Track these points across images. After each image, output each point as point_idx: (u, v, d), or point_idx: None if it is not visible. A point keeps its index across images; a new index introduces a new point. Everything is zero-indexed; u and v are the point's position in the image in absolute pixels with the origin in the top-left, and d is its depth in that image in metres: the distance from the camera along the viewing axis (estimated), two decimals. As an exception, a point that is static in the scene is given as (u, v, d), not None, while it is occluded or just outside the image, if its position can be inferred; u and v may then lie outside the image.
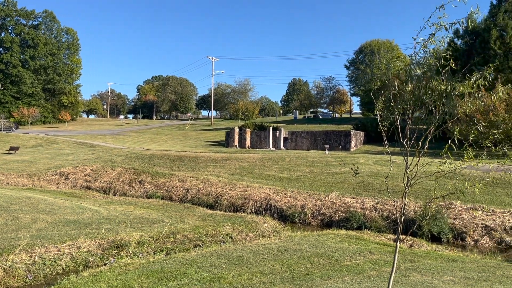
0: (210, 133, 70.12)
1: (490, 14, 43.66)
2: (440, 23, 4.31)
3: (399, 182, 5.16)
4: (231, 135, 47.78)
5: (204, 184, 23.81)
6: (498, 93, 4.41)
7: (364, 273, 9.45)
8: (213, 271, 9.36)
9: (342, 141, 42.13)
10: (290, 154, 31.30)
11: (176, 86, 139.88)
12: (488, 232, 15.40)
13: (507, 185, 18.26)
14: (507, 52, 40.30)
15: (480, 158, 4.69)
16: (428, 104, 4.56)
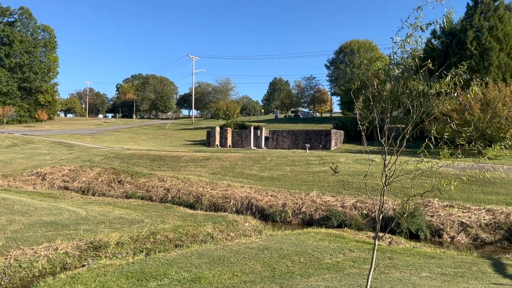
0: (191, 133, 69.74)
1: (466, 15, 44.62)
2: (416, 24, 4.38)
3: (378, 180, 5.24)
4: (212, 135, 47.61)
5: (184, 184, 23.65)
6: (474, 89, 4.51)
7: (344, 271, 9.54)
8: (193, 271, 9.31)
9: (322, 140, 42.46)
10: (271, 153, 31.38)
11: (156, 85, 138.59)
12: (464, 228, 15.75)
13: (483, 183, 18.71)
14: (482, 53, 41.27)
15: (456, 157, 4.79)
16: (405, 103, 4.63)
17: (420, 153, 4.88)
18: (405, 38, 4.47)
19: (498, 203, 16.93)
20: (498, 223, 15.58)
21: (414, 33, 4.46)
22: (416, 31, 4.44)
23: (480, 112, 30.67)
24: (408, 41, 4.47)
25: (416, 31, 4.44)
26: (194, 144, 52.27)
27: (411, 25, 4.43)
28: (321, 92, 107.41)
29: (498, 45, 41.23)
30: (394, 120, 5.02)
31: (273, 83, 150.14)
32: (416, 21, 4.39)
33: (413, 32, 4.45)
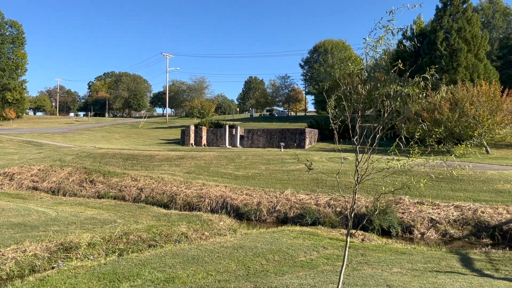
0: (165, 131, 68.98)
1: (436, 17, 45.79)
2: (388, 27, 4.47)
3: (351, 178, 5.33)
4: (186, 133, 47.22)
5: (158, 183, 23.38)
6: (441, 93, 4.63)
7: (317, 268, 9.65)
8: (167, 271, 9.22)
9: (297, 139, 42.76)
10: (246, 152, 31.38)
11: (129, 83, 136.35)
12: (433, 225, 16.18)
13: (451, 180, 19.25)
14: (451, 54, 42.45)
15: (426, 156, 4.91)
16: (377, 103, 4.71)
17: (391, 152, 4.98)
18: (378, 40, 4.55)
19: (466, 200, 17.46)
20: (465, 219, 16.07)
21: (386, 36, 4.55)
22: (387, 34, 4.52)
23: (449, 111, 31.55)
24: (380, 42, 4.55)
25: (387, 34, 4.53)
26: (168, 143, 51.72)
27: (383, 27, 4.51)
28: (296, 91, 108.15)
29: (466, 46, 42.50)
30: (367, 119, 5.10)
31: (248, 82, 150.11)
32: (389, 24, 4.48)
33: (385, 35, 4.54)
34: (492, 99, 31.44)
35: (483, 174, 19.65)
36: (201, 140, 46.69)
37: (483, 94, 31.47)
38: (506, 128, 34.62)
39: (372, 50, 4.60)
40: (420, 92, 4.52)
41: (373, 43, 4.58)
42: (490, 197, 17.46)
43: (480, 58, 43.56)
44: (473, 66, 42.24)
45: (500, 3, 60.44)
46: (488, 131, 31.33)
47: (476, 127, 30.82)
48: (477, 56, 43.49)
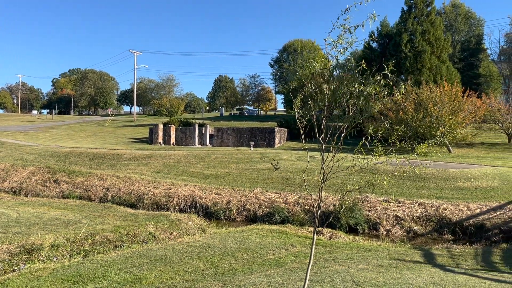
0: (133, 130, 67.76)
1: (401, 19, 47.03)
2: (345, 25, 4.56)
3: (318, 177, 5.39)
4: (154, 132, 46.56)
5: (125, 183, 22.95)
6: (401, 90, 4.77)
7: (286, 266, 9.73)
8: (134, 272, 9.06)
9: (266, 137, 42.95)
10: (216, 150, 31.26)
11: (95, 80, 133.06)
12: (398, 222, 16.63)
13: (415, 178, 19.83)
14: (416, 55, 43.69)
15: (389, 154, 5.05)
16: (342, 102, 4.81)
17: (356, 150, 5.08)
18: (337, 39, 4.63)
19: (429, 197, 18.03)
20: (428, 216, 16.60)
21: (345, 35, 4.64)
22: (345, 33, 4.61)
23: (413, 111, 32.48)
24: (340, 41, 4.64)
25: (345, 33, 4.62)
26: (136, 141, 50.84)
27: (341, 26, 4.60)
28: (266, 90, 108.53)
29: (430, 48, 43.86)
30: (333, 118, 5.19)
31: (218, 81, 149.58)
32: (345, 23, 4.57)
33: (343, 34, 4.63)
34: (454, 100, 32.59)
35: (445, 172, 20.34)
36: (170, 139, 46.15)
37: (445, 95, 32.57)
38: (467, 128, 36.01)
39: (334, 50, 4.68)
40: (381, 91, 4.63)
41: (333, 42, 4.66)
42: (452, 195, 18.10)
43: (443, 60, 45.06)
44: (436, 68, 43.64)
45: (462, 7, 62.64)
46: (450, 131, 32.46)
47: (439, 127, 31.88)
48: (440, 58, 44.96)
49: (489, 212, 16.36)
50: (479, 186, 18.52)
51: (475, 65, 59.35)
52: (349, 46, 4.63)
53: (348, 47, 4.65)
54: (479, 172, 20.15)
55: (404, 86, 4.77)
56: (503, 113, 37.41)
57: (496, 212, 16.28)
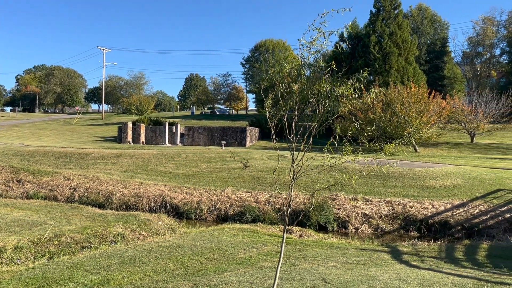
0: (101, 128, 66.29)
1: (370, 21, 47.99)
2: (321, 29, 4.64)
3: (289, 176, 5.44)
4: (124, 130, 45.70)
5: (93, 182, 22.44)
6: (372, 94, 4.89)
7: (256, 265, 9.76)
8: (102, 273, 8.88)
9: (238, 137, 42.94)
10: (187, 150, 31.00)
11: (62, 77, 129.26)
12: (367, 220, 16.98)
13: (383, 177, 20.29)
14: (384, 57, 44.69)
15: (357, 153, 5.15)
16: (312, 102, 4.87)
17: (325, 149, 5.16)
18: (311, 41, 4.71)
19: (396, 195, 18.49)
20: (396, 214, 17.03)
21: (319, 38, 4.72)
22: (320, 36, 4.69)
23: (381, 111, 33.23)
24: (313, 44, 4.71)
25: (320, 37, 4.70)
26: (104, 140, 49.76)
27: (316, 29, 4.67)
28: (237, 89, 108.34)
29: (397, 50, 44.94)
30: (303, 118, 5.25)
31: (189, 79, 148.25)
32: (321, 26, 4.66)
33: (318, 37, 4.71)
34: (420, 101, 33.54)
35: (411, 171, 20.90)
36: (139, 138, 45.43)
37: (412, 96, 33.48)
38: (432, 128, 37.14)
39: (307, 52, 4.75)
40: (353, 93, 4.73)
41: (307, 44, 4.73)
42: (418, 193, 18.62)
43: (410, 61, 46.26)
44: (403, 69, 44.77)
45: (428, 11, 64.50)
46: (417, 131, 33.38)
47: (406, 127, 32.73)
48: (407, 60, 46.14)
49: (452, 209, 16.94)
50: (444, 185, 19.14)
51: (440, 67, 61.31)
52: (323, 47, 4.70)
53: (321, 49, 4.73)
54: (443, 171, 20.82)
55: (374, 91, 4.88)
56: (466, 114, 38.80)
57: (459, 210, 16.88)
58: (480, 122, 38.52)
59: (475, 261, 10.74)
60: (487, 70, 65.58)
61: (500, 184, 18.62)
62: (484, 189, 18.32)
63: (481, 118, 38.53)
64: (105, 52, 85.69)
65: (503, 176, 19.78)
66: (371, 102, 33.36)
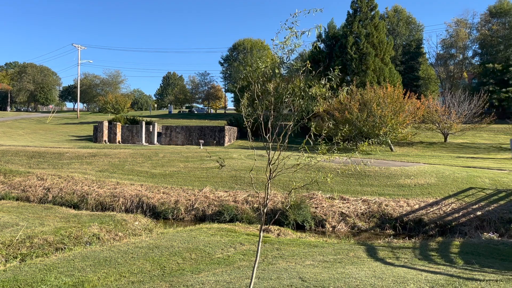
0: (76, 127, 65.00)
1: (347, 22, 48.52)
2: (293, 29, 4.68)
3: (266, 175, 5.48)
4: (99, 130, 44.95)
5: (68, 183, 21.98)
6: (343, 93, 4.95)
7: (234, 264, 9.75)
8: (76, 275, 8.70)
9: (216, 136, 42.79)
10: (164, 149, 30.72)
11: (35, 74, 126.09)
12: (344, 218, 17.18)
13: (359, 176, 20.57)
14: (361, 57, 45.27)
15: (332, 152, 5.21)
16: (288, 102, 4.90)
17: (301, 148, 5.20)
18: (284, 41, 4.74)
19: (372, 194, 18.78)
20: (372, 212, 17.29)
21: (292, 38, 4.76)
22: (293, 36, 4.73)
23: (358, 111, 33.68)
24: (287, 43, 4.75)
25: (293, 36, 4.74)
26: (79, 139, 48.81)
27: (289, 28, 4.71)
28: (216, 88, 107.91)
29: (374, 50, 45.61)
30: (279, 117, 5.27)
31: (166, 78, 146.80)
32: (293, 26, 4.70)
33: (290, 37, 4.75)
34: (395, 101, 34.15)
35: (387, 170, 21.26)
36: (116, 137, 44.75)
37: (388, 96, 34.06)
38: (407, 128, 37.89)
39: (280, 51, 4.78)
40: (326, 92, 4.78)
41: (281, 44, 4.76)
42: (393, 191, 18.96)
43: (386, 62, 47.03)
44: (380, 70, 45.47)
45: (403, 13, 65.70)
46: (392, 130, 33.98)
47: (382, 127, 33.28)
48: (383, 60, 46.89)
49: (426, 207, 17.32)
50: (418, 183, 19.54)
51: (415, 68, 62.59)
52: (296, 47, 4.73)
53: (294, 49, 4.76)
54: (418, 170, 21.25)
55: (346, 89, 4.95)
56: (440, 114, 39.73)
57: (433, 208, 17.26)
58: (453, 122, 39.50)
59: (448, 258, 11.01)
60: (460, 72, 67.26)
61: (472, 183, 19.14)
62: (457, 187, 18.79)
63: (454, 118, 39.52)
64: (80, 49, 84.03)
65: (474, 174, 20.33)
66: (343, 99, 33.76)
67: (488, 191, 18.19)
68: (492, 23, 59.54)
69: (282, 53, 4.81)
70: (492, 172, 21.21)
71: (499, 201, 17.19)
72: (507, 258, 11.19)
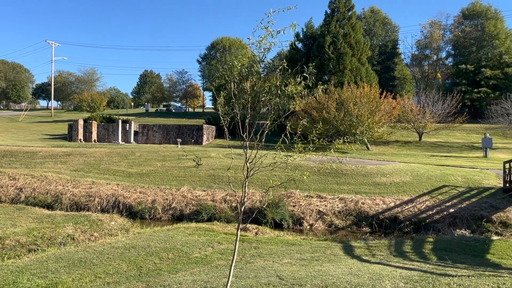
0: (50, 126, 63.50)
1: (325, 21, 48.86)
2: (269, 28, 4.70)
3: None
4: (74, 128, 44.02)
5: (41, 182, 21.46)
6: (319, 90, 4.99)
7: (212, 264, 9.72)
8: (49, 277, 8.51)
9: (194, 135, 42.52)
10: (141, 148, 30.34)
11: (7, 71, 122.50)
12: (321, 216, 17.35)
13: (336, 175, 20.80)
14: (338, 57, 45.70)
15: (308, 150, 5.25)
16: (264, 100, 4.91)
17: (277, 147, 5.22)
18: (260, 40, 4.77)
19: (349, 192, 19.01)
20: (348, 210, 17.51)
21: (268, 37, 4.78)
22: (268, 35, 4.76)
23: (335, 111, 34.03)
24: (263, 42, 4.77)
25: (268, 35, 4.76)
26: (53, 138, 47.71)
27: (265, 28, 4.73)
28: (194, 87, 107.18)
29: (351, 50, 46.10)
30: (255, 115, 5.27)
31: (143, 76, 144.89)
32: (269, 25, 4.72)
33: (266, 36, 4.77)
34: (372, 101, 34.67)
35: (363, 168, 21.56)
36: (91, 136, 43.93)
37: (364, 96, 34.54)
38: (383, 127, 38.52)
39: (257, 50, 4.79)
40: (301, 90, 4.82)
41: (257, 42, 4.78)
42: (370, 190, 19.24)
43: (363, 62, 47.61)
44: (356, 70, 46.00)
45: (380, 13, 66.67)
46: (368, 129, 34.48)
47: (358, 126, 33.73)
48: (360, 60, 47.45)
49: (401, 205, 17.65)
50: (394, 181, 19.89)
51: (391, 68, 63.62)
52: (272, 45, 4.75)
53: (270, 47, 4.78)
54: (393, 168, 21.63)
55: (321, 87, 5.00)
56: (415, 114, 40.54)
57: (408, 205, 17.61)
58: (427, 121, 40.36)
59: (422, 254, 11.25)
60: (434, 72, 68.75)
61: (445, 181, 19.61)
62: (431, 185, 19.22)
63: (429, 117, 40.38)
64: (54, 46, 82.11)
65: (448, 173, 20.84)
66: (321, 99, 34.16)
67: (460, 188, 18.67)
68: (465, 25, 61.07)
69: (258, 52, 4.83)
70: (464, 170, 21.78)
71: (471, 199, 17.67)
72: (478, 254, 11.52)
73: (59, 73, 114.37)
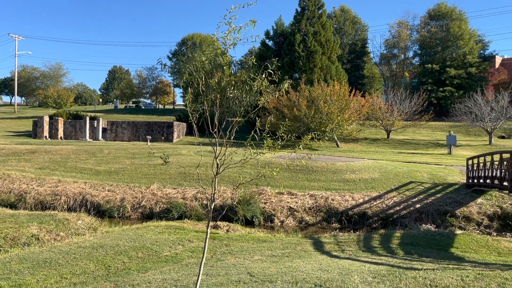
0: (13, 122, 61.26)
1: (295, 20, 49.10)
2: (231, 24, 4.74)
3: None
4: (39, 125, 42.65)
5: (4, 181, 20.69)
6: (284, 86, 5.03)
7: (182, 262, 9.63)
8: (13, 278, 8.21)
9: (165, 132, 42.01)
10: (109, 145, 29.72)
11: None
12: (292, 213, 17.48)
13: (307, 171, 21.00)
14: (308, 55, 46.05)
15: (276, 146, 5.28)
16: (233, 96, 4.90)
17: (247, 144, 5.21)
18: (225, 36, 4.80)
19: (319, 189, 19.24)
20: (319, 207, 17.72)
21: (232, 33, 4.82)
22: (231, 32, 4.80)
23: (306, 108, 34.34)
24: (227, 38, 4.80)
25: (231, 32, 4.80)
26: (17, 135, 46.05)
27: (228, 24, 4.76)
28: (164, 83, 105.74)
29: (321, 49, 46.52)
30: (225, 112, 5.24)
31: (112, 72, 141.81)
32: (231, 21, 4.76)
33: (230, 32, 4.80)
34: (342, 99, 35.19)
35: (333, 165, 21.86)
36: (58, 133, 42.69)
37: (334, 94, 35.01)
38: (353, 125, 39.19)
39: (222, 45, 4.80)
40: (267, 85, 4.86)
41: (221, 38, 4.81)
42: (339, 186, 19.53)
43: (333, 60, 48.17)
44: (326, 68, 46.47)
45: (350, 12, 67.60)
46: (338, 127, 35.00)
47: (328, 123, 34.18)
48: (330, 58, 47.97)
49: (370, 201, 18.01)
50: (363, 178, 20.27)
51: (360, 66, 64.69)
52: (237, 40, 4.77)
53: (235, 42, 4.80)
54: (362, 165, 22.04)
55: (288, 82, 5.04)
56: (383, 112, 41.44)
57: (376, 201, 17.98)
58: (395, 119, 41.33)
59: (390, 249, 11.52)
60: (401, 71, 70.37)
61: (412, 177, 20.14)
62: (398, 181, 19.69)
63: (396, 115, 41.36)
64: (18, 40, 79.17)
65: (414, 169, 21.41)
66: (290, 95, 34.48)
67: (426, 185, 19.21)
68: (431, 26, 62.71)
69: (224, 47, 4.85)
70: (430, 167, 22.43)
71: (436, 194, 18.22)
72: (443, 248, 11.90)
73: (23, 68, 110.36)
